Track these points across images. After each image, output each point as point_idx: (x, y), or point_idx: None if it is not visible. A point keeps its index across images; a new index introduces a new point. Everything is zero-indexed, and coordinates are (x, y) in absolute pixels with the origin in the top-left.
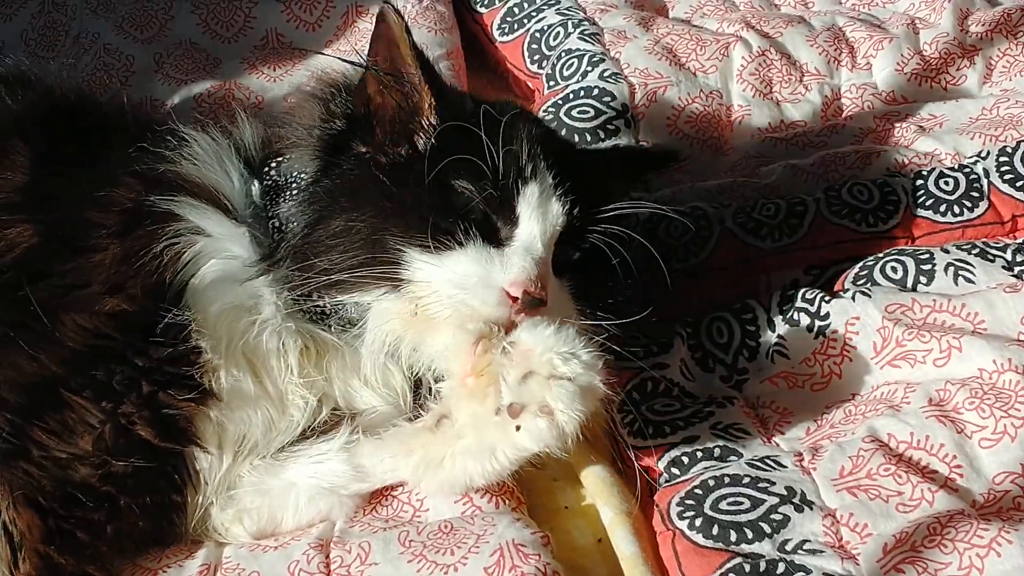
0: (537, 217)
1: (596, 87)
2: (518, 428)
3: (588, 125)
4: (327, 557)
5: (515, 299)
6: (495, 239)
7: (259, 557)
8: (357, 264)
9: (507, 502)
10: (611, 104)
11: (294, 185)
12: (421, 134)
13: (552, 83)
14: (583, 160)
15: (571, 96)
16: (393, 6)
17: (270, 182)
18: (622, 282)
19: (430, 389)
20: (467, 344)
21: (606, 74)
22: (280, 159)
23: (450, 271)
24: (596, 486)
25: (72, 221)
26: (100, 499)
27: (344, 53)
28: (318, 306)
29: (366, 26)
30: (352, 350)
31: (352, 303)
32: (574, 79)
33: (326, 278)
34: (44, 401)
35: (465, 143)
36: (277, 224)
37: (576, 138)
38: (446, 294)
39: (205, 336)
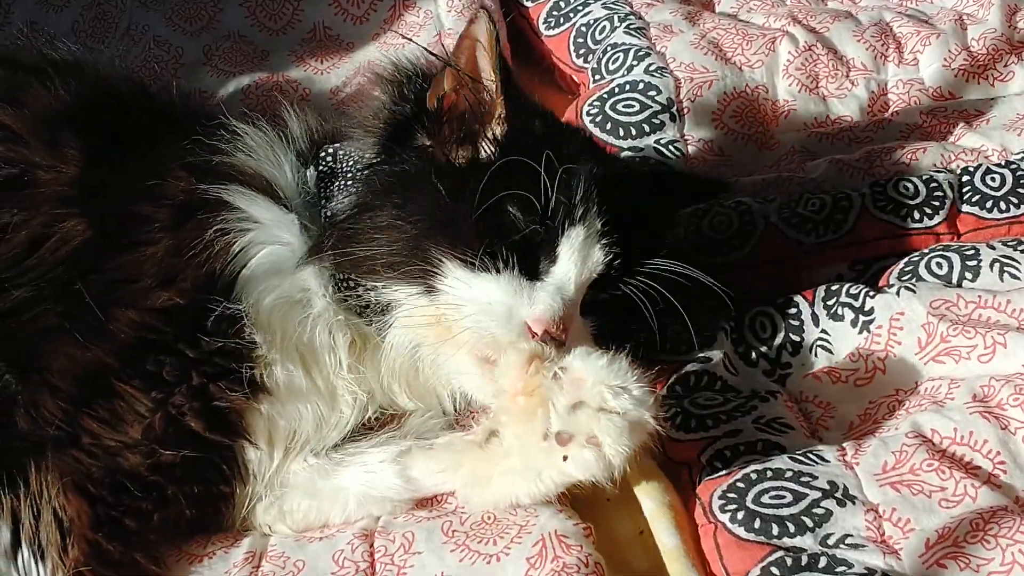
0: (576, 260)
1: (642, 81)
2: (565, 458)
3: (633, 119)
4: (371, 547)
5: (535, 334)
6: (532, 272)
7: (304, 547)
8: (395, 261)
9: None
10: (656, 98)
11: (349, 173)
12: (485, 143)
13: (598, 77)
14: (638, 199)
15: (616, 90)
16: (489, 12)
17: (326, 168)
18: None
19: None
20: (519, 362)
21: (652, 68)
22: (338, 144)
23: (480, 294)
24: (638, 479)
25: (124, 215)
26: (148, 488)
27: (391, 47)
28: (359, 296)
29: (413, 19)
30: (389, 347)
31: (385, 292)
32: (620, 73)
33: (363, 264)
34: (95, 390)
35: (525, 166)
36: (328, 213)
37: (621, 132)
38: (471, 315)
39: (259, 330)
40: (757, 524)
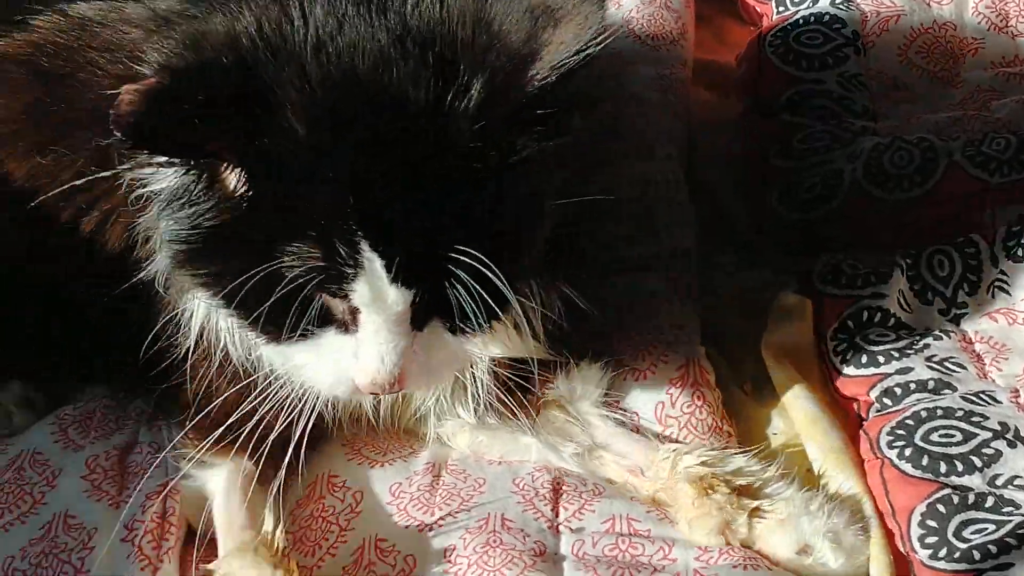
0: (374, 309)
1: (827, 13)
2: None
3: (817, 51)
4: (554, 479)
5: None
6: (340, 323)
7: (485, 468)
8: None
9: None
10: (841, 31)
11: None
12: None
13: (781, 8)
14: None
15: (800, 22)
16: None
17: None
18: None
19: None
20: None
21: (838, 1)
22: None
23: (297, 362)
24: (802, 422)
25: None
26: None
27: None
28: None
29: None
30: None
31: None
32: (804, 5)
33: None
34: None
35: (295, 187)
36: None
37: (804, 63)
38: (299, 383)
39: None
40: (925, 461)
